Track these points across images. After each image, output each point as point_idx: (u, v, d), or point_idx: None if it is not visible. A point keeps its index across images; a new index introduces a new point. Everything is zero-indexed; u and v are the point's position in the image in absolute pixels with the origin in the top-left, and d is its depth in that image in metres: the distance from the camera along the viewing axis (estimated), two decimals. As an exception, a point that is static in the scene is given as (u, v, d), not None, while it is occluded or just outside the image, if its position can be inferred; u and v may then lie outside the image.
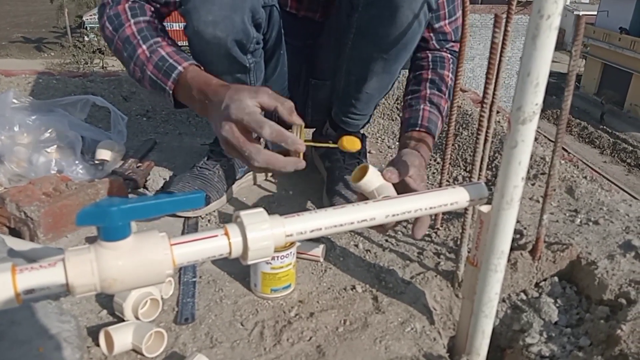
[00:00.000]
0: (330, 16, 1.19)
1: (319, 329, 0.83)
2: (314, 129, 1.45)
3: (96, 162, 1.29)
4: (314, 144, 0.98)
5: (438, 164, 1.50)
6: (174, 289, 0.90)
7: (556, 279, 0.99)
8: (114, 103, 1.70)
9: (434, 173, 1.46)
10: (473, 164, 0.91)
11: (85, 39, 23.01)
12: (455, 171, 1.49)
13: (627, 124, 18.39)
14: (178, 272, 0.95)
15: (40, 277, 0.43)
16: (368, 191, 0.75)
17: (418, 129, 1.05)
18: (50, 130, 1.27)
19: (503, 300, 0.96)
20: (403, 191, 0.81)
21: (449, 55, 1.17)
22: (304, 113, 1.33)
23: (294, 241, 0.88)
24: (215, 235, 0.51)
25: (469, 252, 0.83)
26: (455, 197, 0.67)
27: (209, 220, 1.16)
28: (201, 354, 0.74)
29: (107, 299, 0.85)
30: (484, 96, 0.86)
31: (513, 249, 0.99)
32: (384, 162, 1.57)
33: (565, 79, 0.88)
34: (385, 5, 0.97)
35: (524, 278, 0.99)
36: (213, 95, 0.84)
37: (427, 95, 1.11)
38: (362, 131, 1.39)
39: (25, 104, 1.33)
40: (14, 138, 1.23)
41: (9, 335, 0.66)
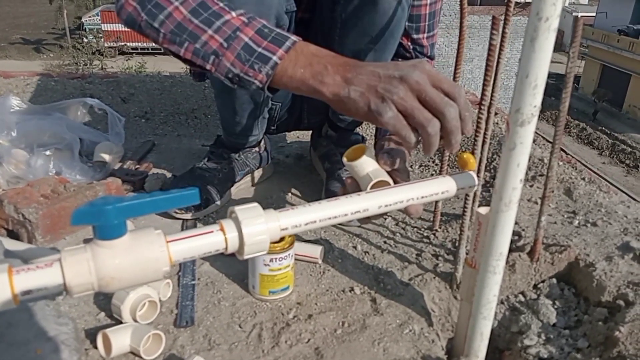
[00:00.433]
0: (315, 14, 1.18)
1: (317, 331, 0.83)
2: (311, 132, 1.45)
3: (94, 164, 1.29)
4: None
5: (437, 165, 1.50)
6: (172, 291, 0.90)
7: (554, 280, 0.99)
8: (112, 105, 1.70)
9: (432, 174, 1.46)
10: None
11: (84, 40, 23.04)
12: (453, 173, 1.49)
13: (626, 125, 18.44)
14: (177, 275, 0.95)
15: (37, 278, 0.43)
16: (361, 174, 0.71)
17: None
18: (48, 132, 1.27)
19: (501, 302, 0.96)
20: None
21: None
22: (300, 116, 1.33)
23: (291, 242, 0.88)
24: (211, 231, 0.51)
25: (467, 254, 0.83)
26: (446, 186, 0.68)
27: (207, 223, 1.16)
28: (199, 357, 0.74)
29: (105, 301, 0.85)
30: (482, 98, 0.87)
31: (511, 251, 0.99)
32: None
33: (563, 80, 0.88)
34: None
35: (522, 280, 0.99)
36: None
37: None
38: (362, 133, 1.39)
39: (23, 107, 1.34)
40: (12, 141, 1.23)
41: (6, 338, 0.66)
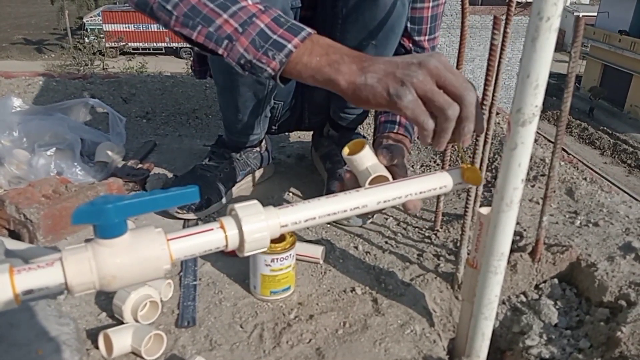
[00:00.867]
0: (317, 12, 1.18)
1: (319, 332, 0.83)
2: (313, 132, 1.45)
3: (96, 164, 1.29)
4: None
5: (438, 165, 1.50)
6: (174, 291, 0.90)
7: (556, 280, 0.99)
8: (113, 105, 1.70)
9: (433, 174, 1.46)
10: (473, 165, 0.91)
11: (86, 40, 23.07)
12: (450, 168, 1.48)
13: (628, 125, 18.40)
14: (178, 275, 0.95)
15: (39, 277, 0.43)
16: (360, 168, 0.71)
17: (395, 131, 1.07)
18: (49, 132, 1.27)
19: (503, 302, 0.96)
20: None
21: None
22: (301, 116, 1.33)
23: (293, 243, 0.88)
24: (211, 229, 0.51)
25: (468, 254, 0.83)
26: (443, 181, 0.69)
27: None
28: (200, 357, 0.74)
29: (107, 301, 0.85)
30: (484, 97, 0.86)
31: (513, 251, 0.99)
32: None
33: (565, 80, 0.88)
34: None
35: (523, 280, 0.99)
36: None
37: None
38: (363, 133, 1.39)
39: (25, 108, 1.34)
40: (14, 142, 1.23)
41: (7, 338, 0.66)
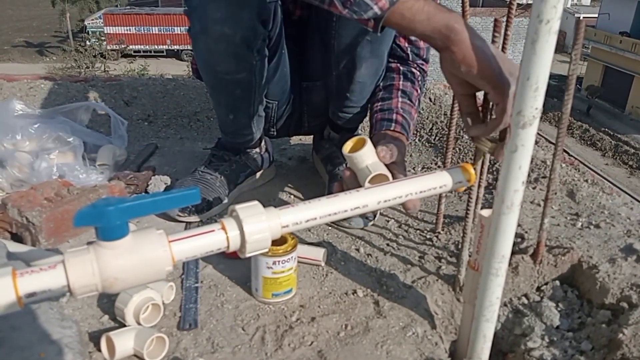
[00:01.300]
0: (312, 11, 1.18)
1: (320, 334, 0.83)
2: (313, 134, 1.46)
3: (98, 167, 1.30)
4: None
5: (439, 167, 1.50)
6: (176, 294, 0.90)
7: (557, 282, 0.99)
8: (115, 108, 1.70)
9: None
10: (474, 167, 0.91)
11: (87, 43, 23.11)
12: (450, 167, 1.49)
13: (629, 126, 18.36)
14: (180, 278, 0.95)
15: (41, 280, 0.43)
16: (360, 166, 0.72)
17: (392, 129, 1.07)
18: (52, 136, 1.27)
19: (504, 305, 0.96)
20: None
21: (418, 72, 1.21)
22: (300, 119, 1.33)
23: (294, 245, 0.88)
24: (212, 230, 0.52)
25: (470, 256, 0.83)
26: (443, 181, 0.69)
27: (210, 225, 1.16)
28: (202, 359, 0.74)
29: (109, 304, 0.85)
30: (485, 99, 0.86)
31: (514, 253, 0.99)
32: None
33: (565, 81, 0.88)
34: None
35: (525, 282, 0.99)
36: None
37: (399, 102, 1.14)
38: (362, 134, 1.39)
39: (27, 111, 1.34)
40: (17, 145, 1.23)
41: (9, 341, 0.66)
